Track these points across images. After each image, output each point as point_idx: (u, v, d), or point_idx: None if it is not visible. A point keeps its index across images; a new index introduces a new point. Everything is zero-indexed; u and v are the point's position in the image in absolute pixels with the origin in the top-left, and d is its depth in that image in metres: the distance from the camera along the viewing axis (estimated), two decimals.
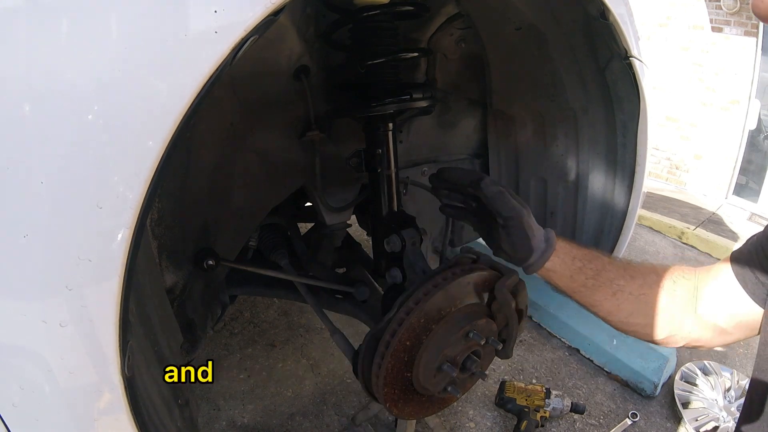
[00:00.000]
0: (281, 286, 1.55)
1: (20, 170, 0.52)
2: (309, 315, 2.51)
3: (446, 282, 1.06)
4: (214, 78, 0.54)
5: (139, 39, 0.52)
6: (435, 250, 1.94)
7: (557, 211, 1.67)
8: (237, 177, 1.29)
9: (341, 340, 1.28)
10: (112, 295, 0.57)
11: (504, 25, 1.32)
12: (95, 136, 0.53)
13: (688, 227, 3.72)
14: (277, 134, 1.32)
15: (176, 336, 1.07)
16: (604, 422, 2.00)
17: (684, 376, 2.18)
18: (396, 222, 1.32)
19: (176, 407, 0.91)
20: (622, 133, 1.44)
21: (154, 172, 0.55)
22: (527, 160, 1.69)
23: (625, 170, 1.50)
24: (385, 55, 1.17)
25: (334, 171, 1.46)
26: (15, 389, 0.60)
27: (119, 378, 0.61)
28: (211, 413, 1.95)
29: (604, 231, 1.65)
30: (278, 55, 1.13)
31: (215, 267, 1.22)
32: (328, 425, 1.93)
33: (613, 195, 1.57)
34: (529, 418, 1.85)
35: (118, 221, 0.55)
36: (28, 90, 0.51)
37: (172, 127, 0.54)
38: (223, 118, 1.14)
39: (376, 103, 1.20)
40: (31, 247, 0.54)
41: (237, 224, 1.37)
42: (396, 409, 1.14)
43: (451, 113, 1.70)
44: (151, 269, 0.96)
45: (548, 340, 2.43)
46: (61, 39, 0.51)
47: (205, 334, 1.37)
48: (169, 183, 1.01)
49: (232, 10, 0.53)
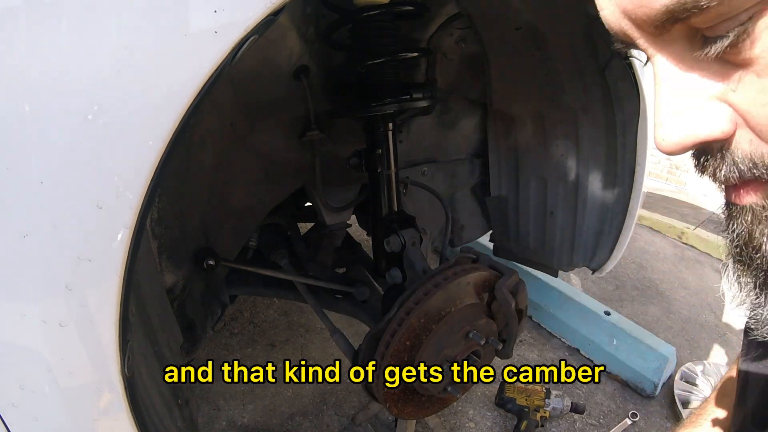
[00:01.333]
0: (281, 286, 1.55)
1: (20, 170, 0.52)
2: (309, 315, 2.50)
3: (446, 282, 1.06)
4: (214, 78, 0.54)
5: (138, 38, 0.52)
6: (435, 250, 1.94)
7: (557, 211, 1.67)
8: (237, 177, 1.29)
9: (341, 340, 1.28)
10: (112, 295, 0.57)
11: (504, 25, 1.32)
12: (95, 136, 0.53)
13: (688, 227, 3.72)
14: (277, 134, 1.32)
15: (176, 336, 1.07)
16: (604, 422, 2.00)
17: (684, 376, 2.18)
18: (396, 222, 1.32)
19: (176, 407, 0.91)
20: (622, 133, 1.44)
21: (154, 172, 0.55)
22: (527, 160, 1.69)
23: (625, 170, 1.50)
24: (385, 55, 1.17)
25: (334, 171, 1.46)
26: (15, 389, 0.60)
27: (119, 378, 0.61)
28: (211, 413, 1.95)
29: (604, 231, 1.65)
30: (278, 55, 1.13)
31: (215, 267, 1.22)
32: (328, 425, 1.93)
33: (613, 195, 1.57)
34: (529, 418, 1.85)
35: (118, 221, 0.55)
36: (28, 90, 0.51)
37: (172, 127, 0.54)
38: (223, 118, 1.14)
39: (376, 103, 1.20)
40: (31, 247, 0.54)
41: (237, 224, 1.37)
42: (396, 409, 1.14)
43: (451, 113, 1.70)
44: (151, 269, 0.96)
45: (548, 340, 2.43)
46: (61, 39, 0.51)
47: (205, 334, 1.37)
48: (169, 183, 1.01)
49: (232, 9, 0.53)
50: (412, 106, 1.25)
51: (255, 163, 1.32)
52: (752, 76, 0.28)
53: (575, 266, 1.74)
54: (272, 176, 1.37)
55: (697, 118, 0.31)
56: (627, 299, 2.78)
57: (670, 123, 0.32)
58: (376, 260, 1.50)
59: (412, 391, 1.14)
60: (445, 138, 1.73)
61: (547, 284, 2.49)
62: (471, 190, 1.88)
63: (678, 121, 0.32)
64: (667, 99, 0.32)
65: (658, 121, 0.33)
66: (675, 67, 0.31)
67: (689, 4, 0.26)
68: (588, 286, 2.86)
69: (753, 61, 0.28)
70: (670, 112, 0.32)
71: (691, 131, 0.32)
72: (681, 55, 0.31)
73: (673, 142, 0.32)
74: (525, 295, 1.17)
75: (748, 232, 0.35)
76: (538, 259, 1.81)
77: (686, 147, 0.33)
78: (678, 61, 0.31)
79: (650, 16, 0.29)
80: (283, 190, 1.42)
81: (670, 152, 0.33)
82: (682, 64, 0.31)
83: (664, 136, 0.32)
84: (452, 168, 1.79)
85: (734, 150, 0.32)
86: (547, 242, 1.74)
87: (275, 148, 1.34)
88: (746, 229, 0.35)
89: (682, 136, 0.32)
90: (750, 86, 0.29)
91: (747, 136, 0.31)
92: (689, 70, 0.31)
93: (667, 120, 0.32)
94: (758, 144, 0.30)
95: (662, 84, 0.33)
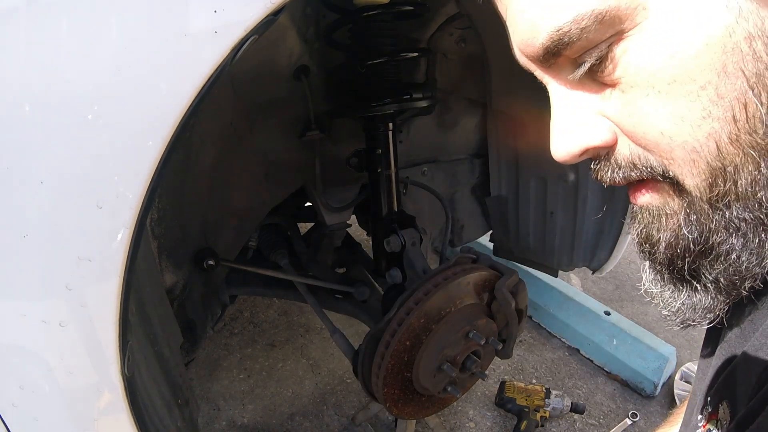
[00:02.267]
0: (281, 286, 1.55)
1: (20, 170, 0.52)
2: (309, 315, 2.50)
3: (446, 282, 1.06)
4: (214, 78, 0.54)
5: (138, 39, 0.52)
6: (435, 250, 1.94)
7: (557, 211, 1.67)
8: (237, 177, 1.29)
9: (341, 340, 1.28)
10: (112, 295, 0.57)
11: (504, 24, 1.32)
12: (95, 136, 0.53)
13: None
14: (277, 134, 1.32)
15: (176, 336, 1.07)
16: (604, 422, 2.00)
17: (684, 376, 2.18)
18: (396, 222, 1.32)
19: (176, 407, 0.91)
20: None
21: (153, 172, 0.55)
22: (527, 160, 1.69)
23: None
24: (385, 55, 1.17)
25: (334, 171, 1.45)
26: (15, 389, 0.60)
27: (119, 378, 0.61)
28: (211, 413, 1.95)
29: (604, 231, 1.65)
30: (278, 55, 1.13)
31: (215, 267, 1.22)
32: (328, 425, 1.93)
33: (613, 195, 1.57)
34: (529, 418, 1.85)
35: (118, 221, 0.55)
36: (28, 90, 0.51)
37: (172, 127, 0.54)
38: (223, 118, 1.14)
39: (376, 103, 1.20)
40: (31, 247, 0.54)
41: (237, 224, 1.37)
42: (396, 409, 1.14)
43: (451, 113, 1.70)
44: (151, 269, 0.96)
45: (548, 340, 2.43)
46: (61, 39, 0.51)
47: (205, 334, 1.37)
48: (169, 183, 1.01)
49: (232, 9, 0.53)
50: (412, 106, 1.25)
51: (255, 163, 1.32)
52: (618, 92, 0.35)
53: (575, 266, 1.74)
54: (272, 176, 1.37)
55: (582, 131, 0.37)
56: (627, 299, 2.78)
57: (560, 137, 0.39)
58: (376, 260, 1.50)
59: (412, 391, 1.14)
60: (445, 138, 1.73)
61: (547, 284, 2.49)
62: (471, 190, 1.88)
63: (567, 135, 0.38)
64: (558, 116, 0.39)
65: (551, 137, 0.40)
66: (562, 88, 0.38)
67: (558, 42, 0.33)
68: (588, 286, 2.86)
69: (617, 80, 0.34)
70: (560, 127, 0.39)
71: (577, 142, 0.38)
72: (565, 79, 0.37)
73: (565, 151, 0.39)
74: (525, 295, 1.17)
75: (645, 229, 0.39)
76: (538, 259, 1.81)
77: (575, 155, 0.38)
78: (564, 83, 0.38)
79: (536, 53, 0.36)
80: (283, 190, 1.41)
81: (563, 161, 0.39)
82: (567, 84, 0.38)
83: (557, 147, 0.39)
84: (452, 168, 1.79)
85: (617, 155, 0.37)
86: (547, 242, 1.74)
87: (275, 148, 1.33)
88: (644, 227, 0.39)
89: (572, 147, 0.38)
90: (618, 101, 0.35)
91: (626, 142, 0.36)
92: (573, 89, 0.37)
93: (558, 134, 0.39)
94: (635, 148, 0.36)
95: (554, 105, 0.39)
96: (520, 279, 1.16)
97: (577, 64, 0.35)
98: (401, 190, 1.50)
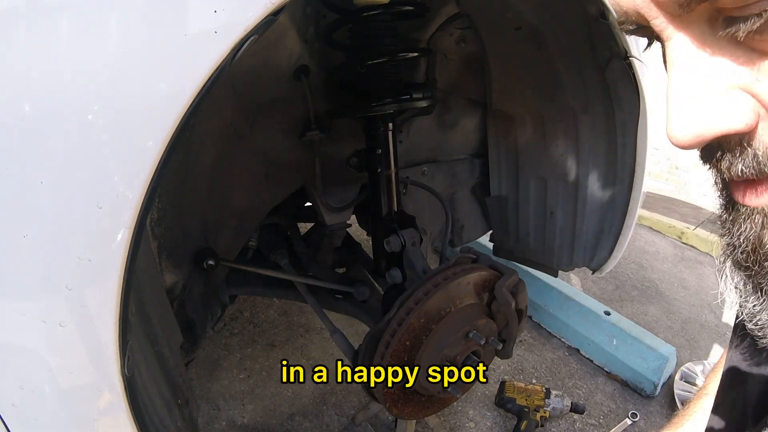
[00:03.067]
0: (281, 286, 1.55)
1: (20, 170, 0.52)
2: (309, 315, 2.50)
3: (446, 282, 1.07)
4: (214, 78, 0.54)
5: (138, 38, 0.52)
6: (435, 250, 1.94)
7: (557, 211, 1.67)
8: (237, 177, 1.29)
9: (341, 340, 1.28)
10: (112, 295, 0.57)
11: (504, 25, 1.32)
12: (95, 136, 0.53)
13: (688, 227, 3.72)
14: (277, 134, 1.32)
15: (176, 336, 1.07)
16: (604, 422, 2.00)
17: (684, 376, 2.18)
18: (396, 222, 1.32)
19: (176, 407, 0.91)
20: (622, 133, 1.44)
21: (154, 172, 0.55)
22: (527, 160, 1.69)
23: (625, 170, 1.50)
24: (385, 55, 1.17)
25: (334, 171, 1.46)
26: (15, 389, 0.60)
27: (119, 378, 0.61)
28: (211, 413, 1.95)
29: (604, 231, 1.65)
30: (278, 55, 1.13)
31: (215, 267, 1.22)
32: (328, 425, 1.93)
33: (613, 195, 1.57)
34: (529, 418, 1.85)
35: (118, 221, 0.55)
36: (28, 90, 0.51)
37: (172, 127, 0.54)
38: (223, 118, 1.14)
39: (376, 103, 1.20)
40: (31, 247, 0.54)
41: (237, 224, 1.37)
42: (396, 409, 1.14)
43: (451, 113, 1.70)
44: (151, 269, 0.96)
45: (548, 340, 2.43)
46: (61, 39, 0.51)
47: (205, 334, 1.37)
48: (169, 183, 1.01)
49: (232, 9, 0.53)
50: (412, 106, 1.26)
51: (255, 163, 1.32)
52: None
53: (575, 266, 1.74)
54: (272, 176, 1.37)
55: (718, 109, 0.27)
56: (627, 299, 2.78)
57: (686, 113, 0.28)
58: (376, 260, 1.50)
59: (412, 391, 1.14)
60: (445, 138, 1.73)
61: (547, 284, 2.49)
62: (471, 190, 1.88)
63: (696, 112, 0.28)
64: (684, 85, 0.28)
65: (671, 112, 0.29)
66: (697, 50, 0.27)
67: None
68: (588, 286, 2.86)
69: None
70: (686, 100, 0.28)
71: (711, 123, 0.28)
72: (702, 36, 0.27)
73: (692, 134, 0.28)
74: (525, 295, 1.17)
75: (758, 236, 0.31)
76: (538, 259, 1.81)
77: (705, 140, 0.28)
78: (700, 43, 0.27)
79: None
80: (283, 190, 1.41)
81: (685, 146, 0.29)
82: (704, 46, 0.27)
83: (681, 128, 0.28)
84: (452, 168, 1.79)
85: (756, 144, 0.28)
86: (547, 242, 1.74)
87: (275, 148, 1.34)
88: (755, 233, 0.31)
89: (701, 129, 0.28)
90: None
91: None
92: (712, 54, 0.27)
93: (683, 110, 0.28)
94: None
95: (678, 69, 0.28)
96: (520, 279, 1.16)
97: (719, 20, 0.26)
98: (401, 190, 1.50)
